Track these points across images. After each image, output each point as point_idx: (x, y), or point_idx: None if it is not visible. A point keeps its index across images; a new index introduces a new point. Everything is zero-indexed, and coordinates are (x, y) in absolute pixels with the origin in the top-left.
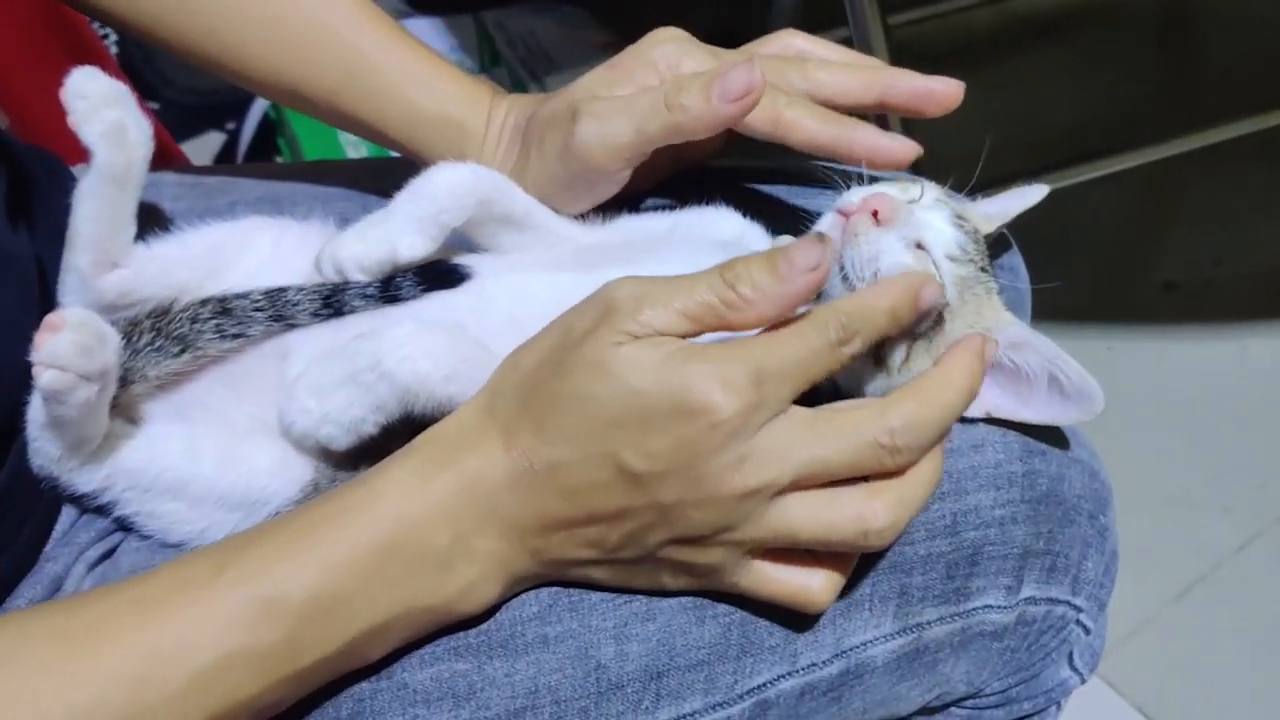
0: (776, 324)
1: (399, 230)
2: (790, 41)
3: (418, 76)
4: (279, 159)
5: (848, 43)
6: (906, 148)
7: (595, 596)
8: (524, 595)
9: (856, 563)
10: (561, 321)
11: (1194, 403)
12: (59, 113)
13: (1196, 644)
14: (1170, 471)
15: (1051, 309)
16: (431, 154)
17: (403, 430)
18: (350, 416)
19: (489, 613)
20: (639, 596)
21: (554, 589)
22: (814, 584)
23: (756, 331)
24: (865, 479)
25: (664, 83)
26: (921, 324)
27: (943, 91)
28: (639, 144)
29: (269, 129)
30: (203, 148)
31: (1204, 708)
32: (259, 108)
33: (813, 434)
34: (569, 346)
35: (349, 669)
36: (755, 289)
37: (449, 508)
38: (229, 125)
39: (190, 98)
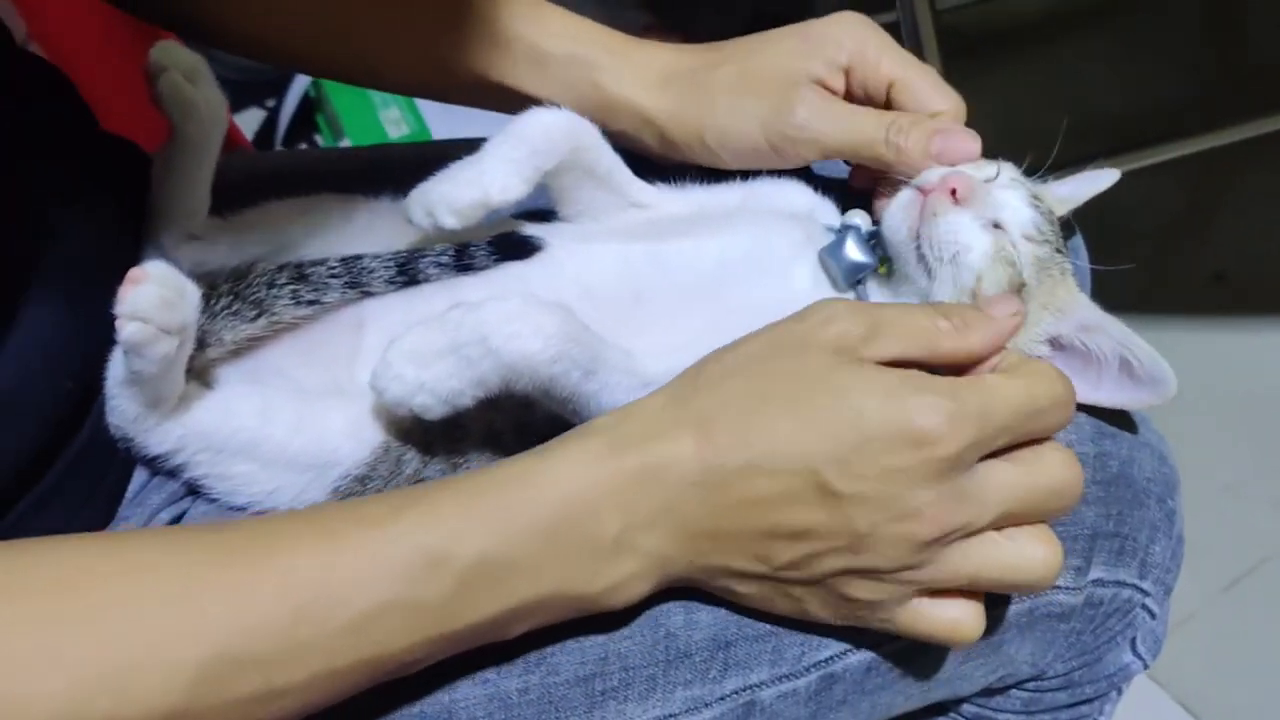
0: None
1: (492, 172)
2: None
3: (541, 20)
4: (318, 137)
5: (895, 27)
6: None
7: None
8: None
9: None
10: (775, 328)
11: (1243, 395)
12: (129, 96)
13: (1241, 638)
14: (1218, 464)
15: (1099, 297)
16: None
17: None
18: (449, 388)
19: None
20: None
21: None
22: (968, 619)
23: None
24: None
25: (853, 80)
26: None
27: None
28: (840, 155)
29: (308, 106)
30: (243, 124)
31: (1247, 702)
32: (299, 85)
33: (1011, 482)
34: (783, 352)
35: (487, 641)
36: (965, 321)
37: (625, 494)
38: (269, 103)
39: (232, 73)
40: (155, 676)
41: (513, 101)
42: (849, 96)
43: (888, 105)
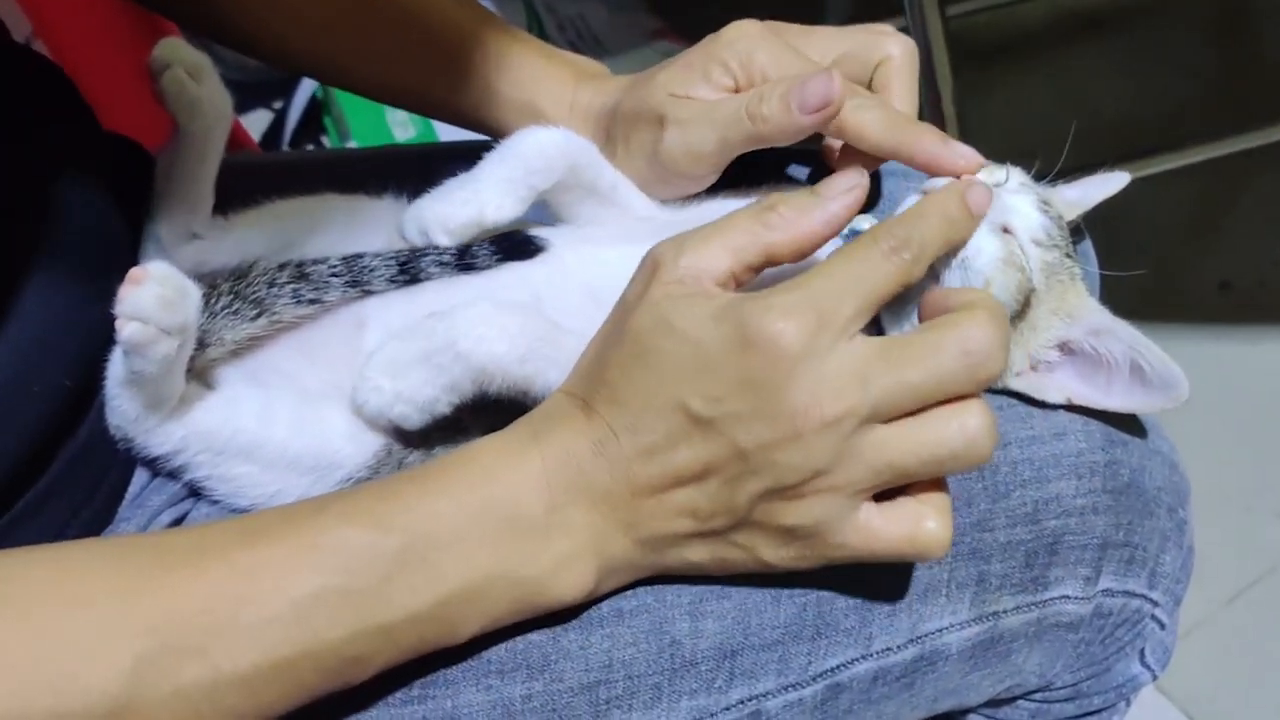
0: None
1: (487, 191)
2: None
3: (501, 62)
4: (324, 138)
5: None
6: (969, 159)
7: None
8: None
9: None
10: (621, 297)
11: (1248, 405)
12: (132, 95)
13: (1247, 649)
14: (1224, 475)
15: (1107, 306)
16: None
17: (477, 407)
18: (424, 396)
19: None
20: None
21: None
22: (928, 525)
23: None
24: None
25: (741, 87)
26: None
27: (949, 161)
28: (723, 152)
29: (315, 107)
30: (250, 125)
31: (1252, 714)
32: (307, 87)
33: (890, 356)
34: (626, 313)
35: (437, 642)
36: (793, 207)
37: (541, 476)
38: (276, 104)
39: (239, 75)
40: (95, 670)
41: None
42: None
43: None
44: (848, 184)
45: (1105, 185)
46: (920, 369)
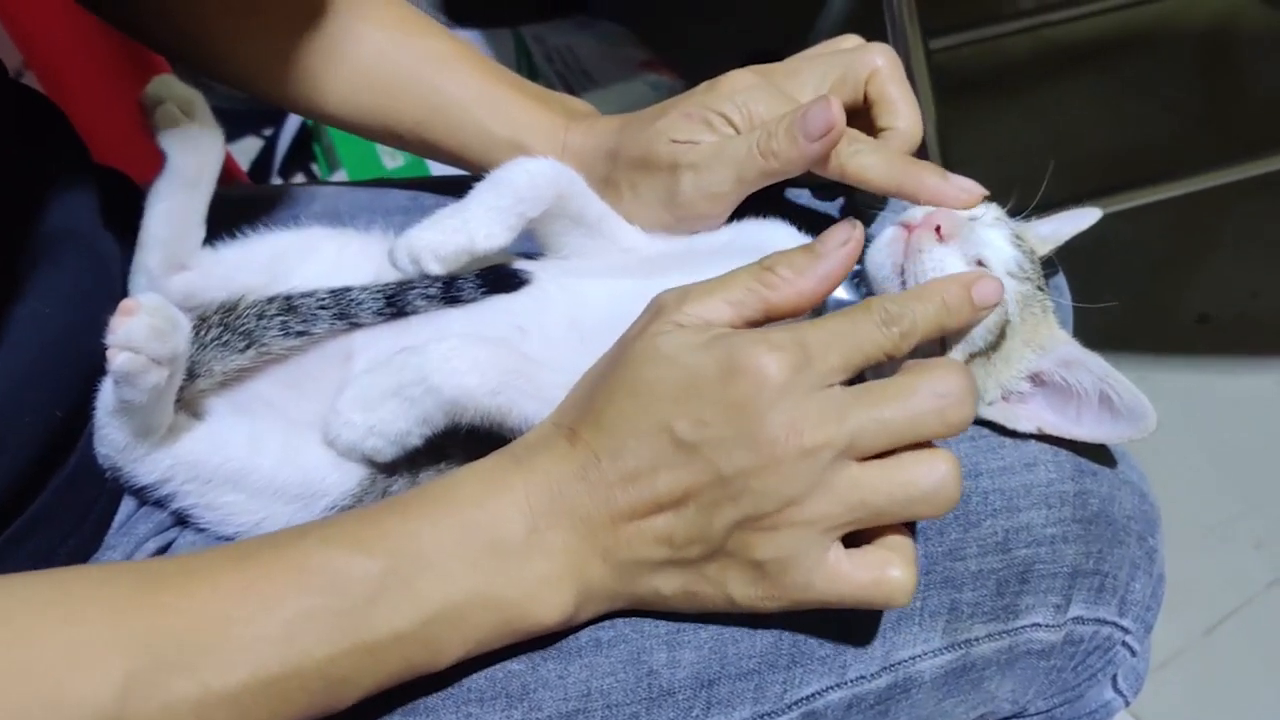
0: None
1: (477, 219)
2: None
3: (494, 105)
4: (314, 166)
5: None
6: (971, 193)
7: None
8: None
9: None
10: (620, 337)
11: (1227, 437)
12: (124, 128)
13: (1225, 679)
14: (1203, 506)
15: (1084, 338)
16: None
17: (468, 442)
18: (396, 429)
19: None
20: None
21: None
22: (893, 573)
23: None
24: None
25: (744, 127)
26: (980, 336)
27: (953, 196)
28: (739, 190)
29: (305, 136)
30: (240, 154)
31: None
32: (296, 115)
33: (867, 396)
34: (622, 349)
35: (421, 665)
36: (792, 267)
37: (523, 500)
38: (266, 132)
39: (229, 104)
40: (86, 684)
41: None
42: None
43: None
44: (842, 238)
45: (1077, 221)
46: (895, 408)
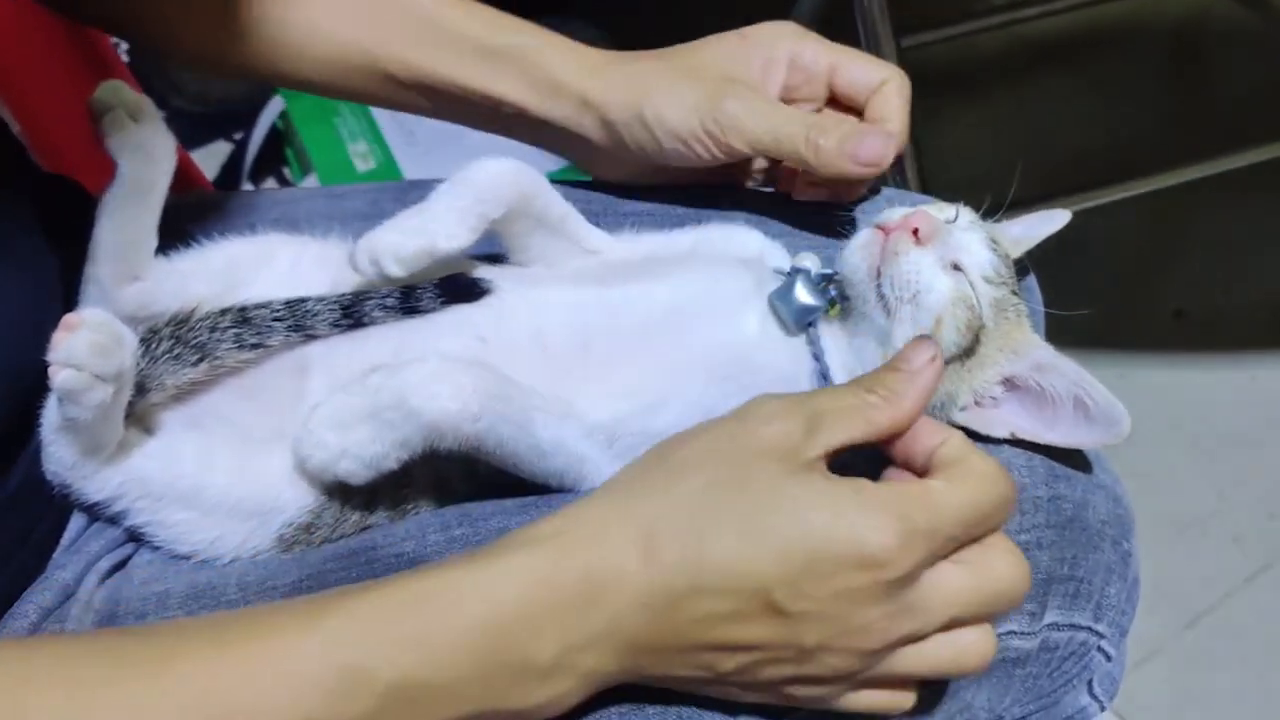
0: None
1: (439, 220)
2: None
3: (495, 20)
4: (286, 169)
5: None
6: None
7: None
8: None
9: None
10: (717, 429)
11: (1203, 432)
12: (80, 134)
13: (1205, 675)
14: (1180, 501)
15: (1061, 335)
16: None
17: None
18: (371, 453)
19: None
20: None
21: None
22: (902, 702)
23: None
24: None
25: (796, 93)
26: (953, 341)
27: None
28: (765, 148)
29: (276, 139)
30: (210, 157)
31: None
32: (267, 118)
33: (969, 591)
34: (732, 459)
35: None
36: (890, 392)
37: (565, 615)
38: (236, 135)
39: (199, 106)
40: None
41: (460, 101)
42: (790, 100)
43: (833, 98)
44: (927, 355)
45: (1048, 222)
46: (982, 606)
